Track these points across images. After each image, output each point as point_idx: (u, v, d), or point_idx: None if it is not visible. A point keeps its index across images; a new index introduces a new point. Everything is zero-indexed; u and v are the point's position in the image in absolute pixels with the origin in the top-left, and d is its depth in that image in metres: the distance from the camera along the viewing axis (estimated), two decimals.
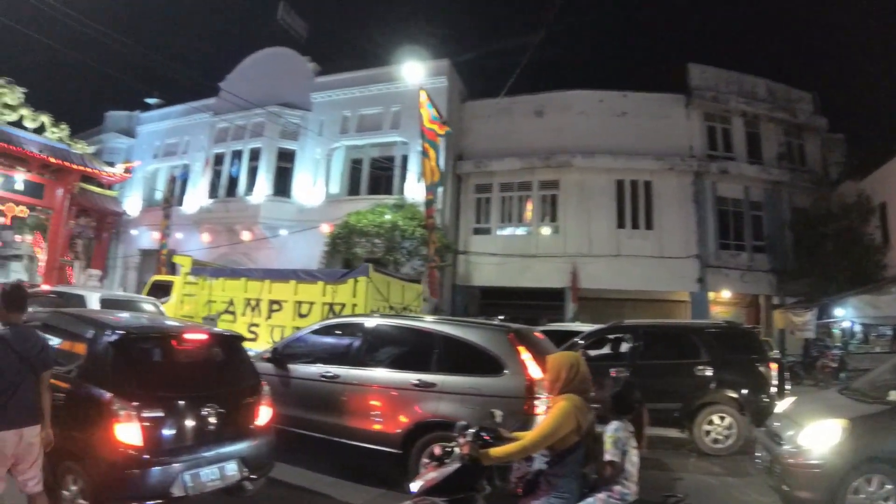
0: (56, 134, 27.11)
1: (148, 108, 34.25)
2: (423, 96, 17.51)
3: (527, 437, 3.98)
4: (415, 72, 20.61)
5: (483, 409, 6.14)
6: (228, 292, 13.63)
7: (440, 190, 19.10)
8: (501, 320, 10.47)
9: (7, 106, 25.73)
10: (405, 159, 23.94)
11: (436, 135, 17.55)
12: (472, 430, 4.12)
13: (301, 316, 12.29)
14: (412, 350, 7.51)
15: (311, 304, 12.24)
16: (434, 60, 23.55)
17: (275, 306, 12.76)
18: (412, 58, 21.99)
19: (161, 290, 16.48)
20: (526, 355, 6.66)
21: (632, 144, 21.32)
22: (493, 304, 22.11)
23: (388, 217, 20.39)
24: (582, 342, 10.80)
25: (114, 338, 5.40)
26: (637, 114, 22.00)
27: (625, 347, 10.98)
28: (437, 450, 6.37)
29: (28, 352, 4.65)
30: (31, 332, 4.92)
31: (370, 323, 8.09)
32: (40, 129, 26.64)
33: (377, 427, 7.08)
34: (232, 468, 5.49)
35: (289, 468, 7.07)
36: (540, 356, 6.56)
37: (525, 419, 6.05)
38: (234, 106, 25.08)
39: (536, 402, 6.32)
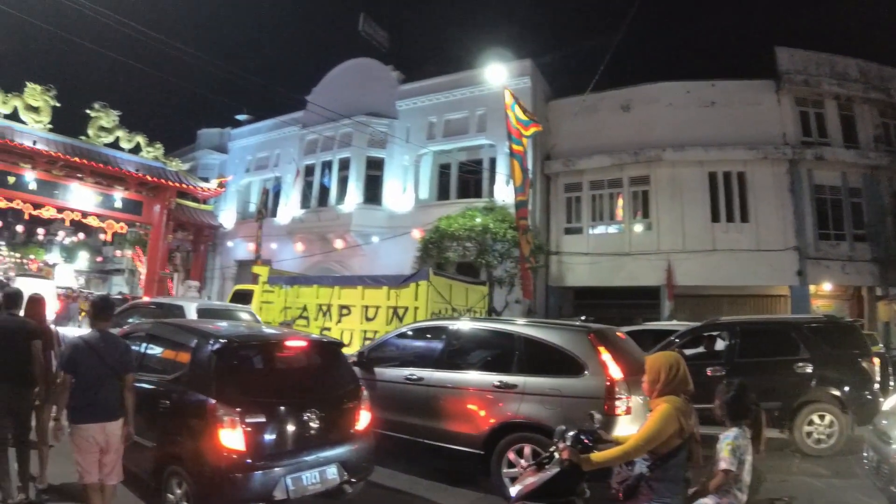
0: (151, 153, 28.93)
1: (238, 124, 36.04)
2: (509, 97, 17.76)
3: (628, 441, 3.98)
4: (498, 74, 20.99)
5: (564, 409, 6.57)
6: (302, 299, 14.70)
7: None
8: (583, 321, 10.80)
9: (103, 128, 27.53)
10: (493, 162, 24.27)
11: (521, 134, 17.76)
12: (571, 434, 4.17)
13: (368, 319, 13.17)
14: (494, 352, 7.82)
15: (377, 307, 13.04)
16: (516, 61, 23.93)
17: (344, 311, 13.68)
18: (494, 60, 22.42)
19: (243, 299, 17.47)
20: (606, 356, 6.79)
21: (723, 135, 21.10)
22: (587, 304, 22.18)
23: (478, 220, 20.43)
24: (678, 341, 10.86)
25: (216, 346, 5.69)
26: (726, 103, 21.74)
27: (721, 345, 10.93)
28: (511, 454, 6.93)
29: (111, 355, 5.36)
30: (114, 339, 5.64)
31: (453, 326, 8.45)
32: (136, 149, 28.47)
33: (459, 428, 7.37)
34: (332, 472, 5.69)
35: (382, 470, 7.24)
36: (621, 356, 6.95)
37: (606, 420, 6.01)
38: (322, 118, 26.16)
39: (617, 403, 6.47)
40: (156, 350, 6.73)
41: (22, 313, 6.61)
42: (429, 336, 8.74)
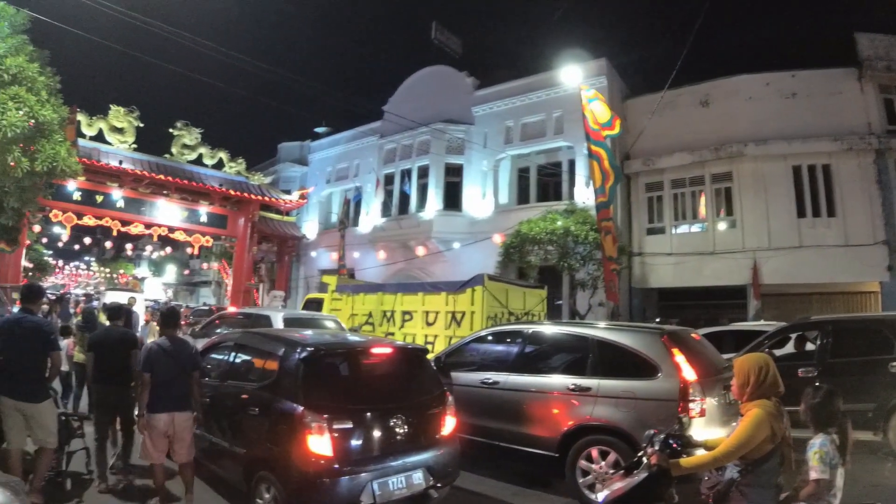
0: (234, 168, 30.63)
1: (317, 136, 37.56)
2: (585, 95, 18.03)
3: (719, 447, 3.98)
4: (573, 75, 21.10)
5: (638, 412, 6.76)
6: (368, 306, 15.85)
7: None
8: (658, 322, 10.88)
9: (186, 146, 29.40)
10: (572, 164, 24.57)
11: (601, 135, 17.83)
12: (660, 439, 4.21)
13: (428, 324, 14.10)
14: (568, 355, 8.00)
15: (437, 313, 13.94)
16: (591, 61, 24.20)
17: (406, 316, 14.69)
18: (569, 61, 22.63)
19: (313, 307, 18.89)
20: (680, 357, 6.87)
21: (806, 127, 20.75)
22: (671, 305, 22.48)
23: (559, 223, 20.71)
24: (767, 342, 10.83)
25: (304, 354, 5.98)
26: (807, 93, 21.36)
27: (812, 345, 10.80)
28: (582, 463, 7.11)
29: (180, 356, 6.54)
30: (183, 342, 6.86)
31: (527, 329, 8.77)
32: (219, 165, 30.20)
33: (534, 431, 7.58)
34: (418, 477, 5.87)
35: (466, 475, 7.37)
36: (696, 358, 7.07)
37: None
38: (399, 127, 27.36)
39: (691, 406, 6.53)
40: (244, 358, 7.22)
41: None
42: (504, 340, 9.08)
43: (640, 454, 4.28)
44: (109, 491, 7.06)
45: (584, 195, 22.68)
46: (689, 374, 6.72)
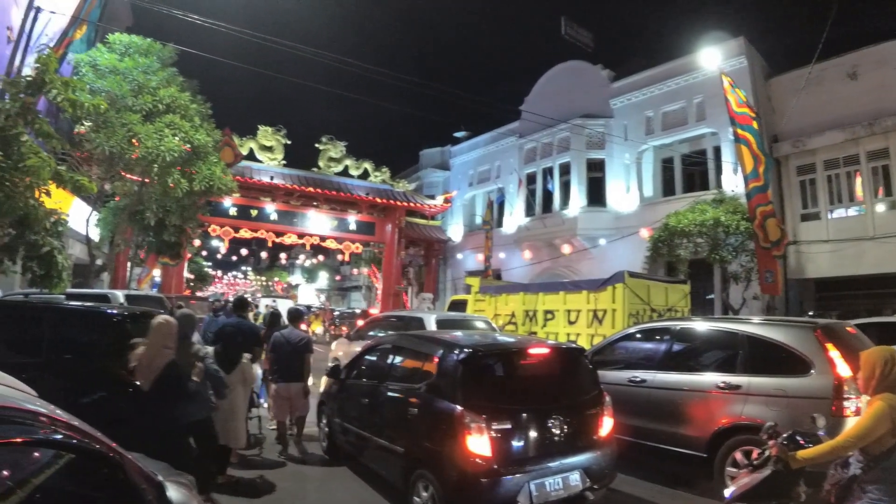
0: (378, 177, 32.86)
1: (457, 141, 39.16)
2: (727, 81, 18.11)
3: (836, 437, 4.04)
4: (710, 57, 21.28)
5: (789, 410, 6.53)
6: (511, 306, 16.67)
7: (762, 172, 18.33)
8: (811, 316, 10.69)
9: (332, 159, 31.88)
10: (717, 151, 24.35)
11: (749, 118, 17.81)
12: (786, 434, 4.32)
13: (570, 323, 14.63)
14: (716, 352, 8.00)
15: (578, 311, 14.47)
16: (728, 41, 23.81)
17: (548, 315, 15.32)
18: (705, 43, 22.63)
19: (457, 308, 20.07)
20: (834, 353, 6.68)
21: None
22: (829, 296, 21.69)
23: (708, 214, 20.34)
24: None
25: (462, 355, 6.17)
26: None
27: None
28: (737, 455, 6.95)
29: (295, 343, 9.37)
30: (299, 333, 9.66)
31: (674, 326, 8.84)
32: (364, 175, 32.62)
33: (682, 430, 7.60)
34: (575, 479, 5.95)
35: (620, 476, 7.23)
36: (851, 353, 6.53)
37: (833, 422, 5.84)
38: (538, 125, 28.35)
39: (846, 404, 6.32)
40: (402, 360, 7.57)
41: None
42: (651, 338, 9.20)
43: (764, 448, 4.42)
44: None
45: (733, 183, 22.53)
46: (843, 370, 6.53)
